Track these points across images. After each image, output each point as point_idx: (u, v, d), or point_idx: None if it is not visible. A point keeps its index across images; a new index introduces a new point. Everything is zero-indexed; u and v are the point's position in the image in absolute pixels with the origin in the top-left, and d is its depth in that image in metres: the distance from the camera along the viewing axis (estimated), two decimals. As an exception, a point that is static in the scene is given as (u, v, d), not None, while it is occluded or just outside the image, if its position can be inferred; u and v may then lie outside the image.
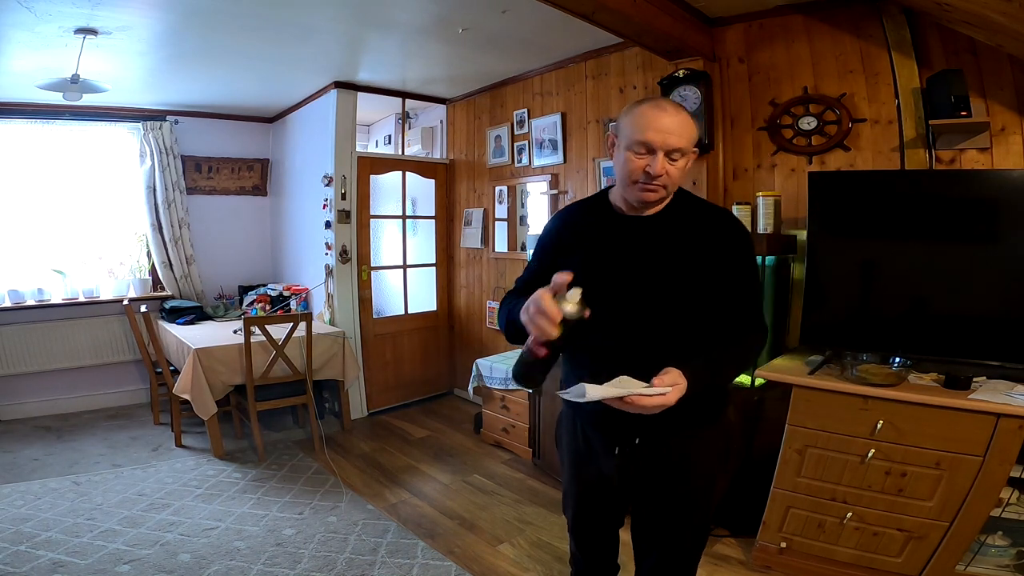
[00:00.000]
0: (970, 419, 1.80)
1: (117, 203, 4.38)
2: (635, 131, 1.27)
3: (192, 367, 3.21)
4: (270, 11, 2.64)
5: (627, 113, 1.32)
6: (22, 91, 3.57)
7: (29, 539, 2.43)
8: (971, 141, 2.21)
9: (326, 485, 3.03)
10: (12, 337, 3.96)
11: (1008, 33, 1.92)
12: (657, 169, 1.25)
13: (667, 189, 1.31)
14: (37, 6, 2.42)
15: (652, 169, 1.25)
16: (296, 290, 4.44)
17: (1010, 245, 1.97)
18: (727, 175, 2.88)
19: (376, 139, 5.47)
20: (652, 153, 1.26)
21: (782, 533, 2.20)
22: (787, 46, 2.66)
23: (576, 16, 2.36)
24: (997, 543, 1.94)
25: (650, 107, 1.29)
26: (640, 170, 1.27)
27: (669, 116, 1.26)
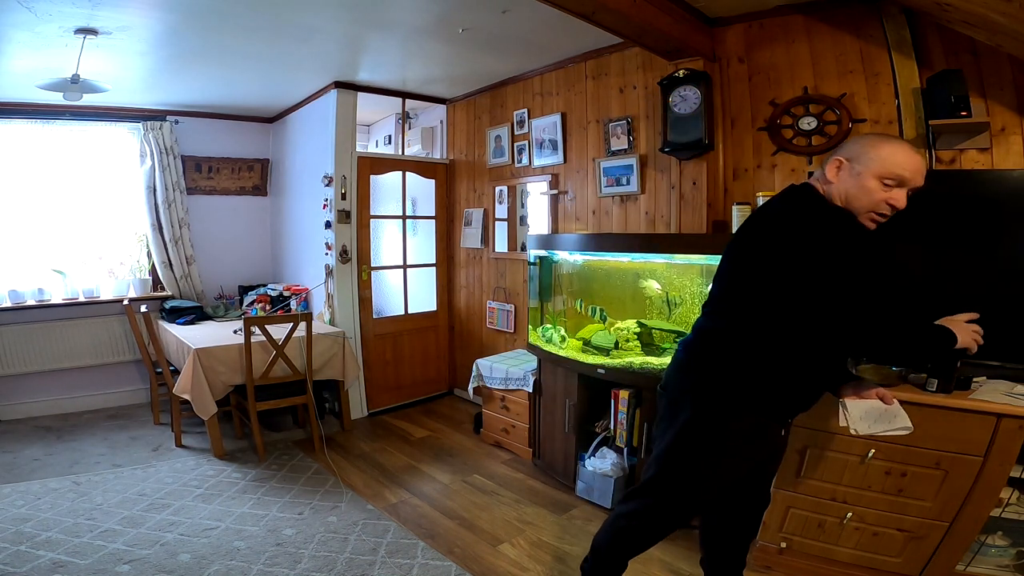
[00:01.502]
0: (970, 419, 1.80)
1: (117, 203, 4.38)
2: (888, 166, 1.41)
3: (192, 367, 3.21)
4: (270, 11, 2.64)
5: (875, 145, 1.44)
6: (22, 91, 3.58)
7: (29, 539, 2.43)
8: (971, 141, 2.21)
9: (326, 485, 3.03)
10: (12, 337, 3.96)
11: (1008, 33, 1.92)
12: (893, 200, 1.42)
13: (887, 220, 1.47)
14: (37, 6, 2.42)
15: (892, 201, 1.42)
16: (296, 290, 4.44)
17: (1010, 245, 1.97)
18: (727, 175, 2.88)
19: (376, 139, 5.47)
20: (901, 188, 1.41)
21: (782, 533, 2.20)
22: (787, 46, 2.66)
23: (576, 16, 2.37)
24: (997, 543, 1.94)
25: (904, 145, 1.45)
26: (887, 201, 1.43)
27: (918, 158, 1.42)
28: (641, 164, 3.17)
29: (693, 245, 2.63)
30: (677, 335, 2.80)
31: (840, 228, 1.46)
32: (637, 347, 2.86)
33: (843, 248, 1.40)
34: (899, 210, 1.42)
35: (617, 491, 2.71)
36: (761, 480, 1.80)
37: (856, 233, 1.48)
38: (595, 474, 2.78)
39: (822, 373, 1.57)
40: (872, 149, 1.44)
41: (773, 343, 1.51)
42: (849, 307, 1.41)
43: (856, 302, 1.41)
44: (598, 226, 3.43)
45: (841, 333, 1.44)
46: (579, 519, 2.69)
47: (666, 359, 2.63)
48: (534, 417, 3.28)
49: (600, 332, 3.01)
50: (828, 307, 1.41)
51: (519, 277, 3.98)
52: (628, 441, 2.73)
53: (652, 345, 2.87)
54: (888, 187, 1.40)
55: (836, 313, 1.42)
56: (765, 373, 1.52)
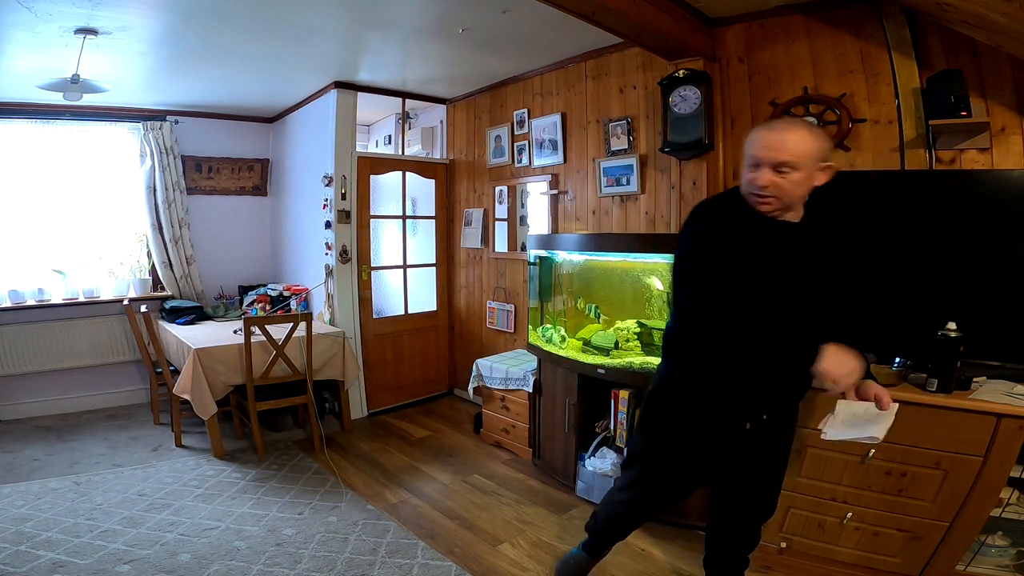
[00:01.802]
0: (970, 419, 1.80)
1: (117, 203, 4.38)
2: (748, 148, 1.49)
3: (192, 367, 3.21)
4: (270, 11, 2.64)
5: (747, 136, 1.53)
6: (22, 91, 3.58)
7: (29, 539, 2.43)
8: (971, 141, 2.21)
9: (326, 485, 3.03)
10: (12, 337, 3.96)
11: (1008, 33, 1.92)
12: (760, 180, 1.44)
13: (780, 200, 1.46)
14: (37, 6, 2.42)
15: (759, 181, 1.45)
16: (296, 290, 4.44)
17: (1010, 245, 1.97)
18: (727, 175, 2.88)
19: (376, 139, 5.47)
20: (759, 167, 1.45)
21: (782, 533, 2.20)
22: (787, 46, 2.66)
23: (576, 16, 2.37)
24: (997, 543, 1.94)
25: (761, 127, 1.50)
26: (751, 182, 1.47)
27: (775, 133, 1.45)
28: (641, 164, 3.17)
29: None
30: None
31: (700, 213, 1.58)
32: (637, 347, 2.86)
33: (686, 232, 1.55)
34: (765, 188, 1.45)
35: (617, 491, 2.71)
36: (741, 476, 1.78)
37: (709, 217, 1.55)
38: (595, 474, 2.78)
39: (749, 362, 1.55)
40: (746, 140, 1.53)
41: (693, 334, 1.63)
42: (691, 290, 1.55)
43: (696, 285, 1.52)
44: (598, 226, 3.43)
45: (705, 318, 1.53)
46: (579, 519, 2.69)
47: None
48: (534, 417, 3.28)
49: (600, 332, 3.01)
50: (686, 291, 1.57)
51: (519, 277, 3.98)
52: (628, 441, 2.73)
53: (652, 345, 2.87)
54: (751, 169, 1.47)
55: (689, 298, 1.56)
56: (698, 363, 1.65)
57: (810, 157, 1.43)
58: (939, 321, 1.90)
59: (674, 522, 2.58)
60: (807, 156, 1.43)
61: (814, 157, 1.44)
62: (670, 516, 2.59)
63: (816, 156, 1.44)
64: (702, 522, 2.52)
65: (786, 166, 1.42)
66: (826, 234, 1.54)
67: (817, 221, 1.54)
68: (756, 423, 1.64)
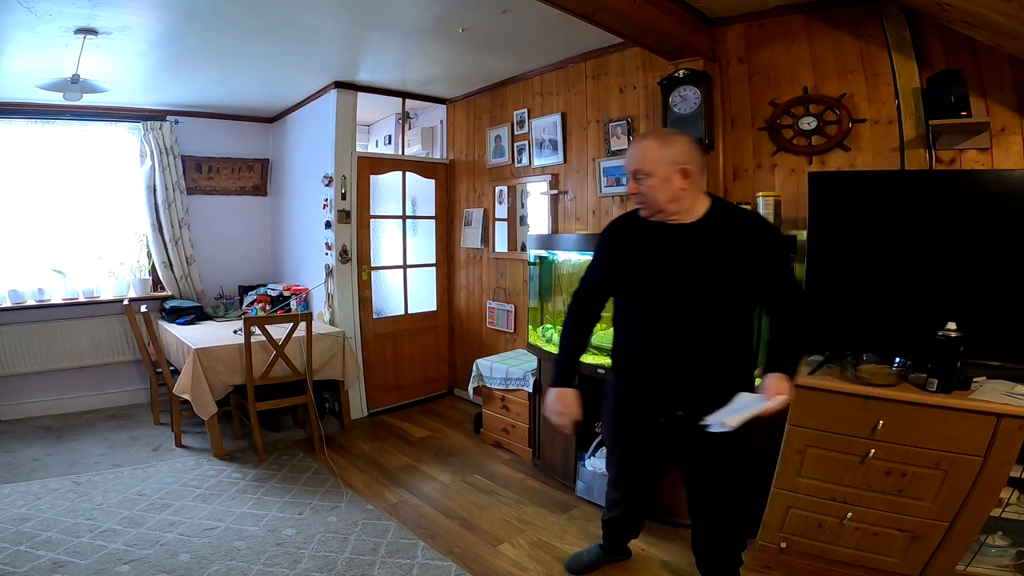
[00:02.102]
0: (970, 419, 1.80)
1: (117, 203, 4.38)
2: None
3: (192, 367, 3.21)
4: (270, 11, 2.64)
5: None
6: (22, 91, 3.58)
7: (29, 539, 2.43)
8: (971, 141, 2.21)
9: (326, 485, 3.03)
10: (12, 337, 3.96)
11: (1008, 33, 1.92)
12: (628, 190, 1.67)
13: (649, 203, 1.64)
14: (37, 6, 2.42)
15: (628, 190, 1.67)
16: (296, 290, 4.44)
17: (1010, 245, 1.97)
18: (727, 175, 2.88)
19: (376, 139, 5.47)
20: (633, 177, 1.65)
21: (782, 533, 2.20)
22: (787, 46, 2.66)
23: (576, 16, 2.37)
24: (997, 543, 1.94)
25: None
26: (628, 191, 1.70)
27: (632, 147, 1.66)
28: (641, 164, 3.17)
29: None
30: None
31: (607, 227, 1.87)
32: (637, 347, 2.85)
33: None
34: (632, 195, 1.67)
35: (617, 491, 2.71)
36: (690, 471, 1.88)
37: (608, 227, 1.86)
38: (595, 474, 2.78)
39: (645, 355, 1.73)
40: None
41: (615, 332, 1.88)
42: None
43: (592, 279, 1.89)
44: (598, 226, 3.43)
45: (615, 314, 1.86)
46: (579, 519, 2.69)
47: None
48: (534, 417, 3.28)
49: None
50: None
51: (519, 277, 3.98)
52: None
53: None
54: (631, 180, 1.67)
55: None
56: (614, 360, 1.91)
57: (660, 164, 1.59)
58: (939, 321, 1.90)
59: (674, 522, 2.58)
60: (657, 163, 1.59)
61: (665, 163, 1.59)
62: (670, 516, 2.60)
63: (668, 161, 1.59)
64: (702, 522, 2.53)
65: (641, 173, 1.62)
66: (721, 235, 1.63)
67: (715, 222, 1.65)
68: (671, 418, 1.72)
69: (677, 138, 1.64)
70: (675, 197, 1.62)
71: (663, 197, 1.61)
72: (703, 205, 1.67)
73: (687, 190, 1.62)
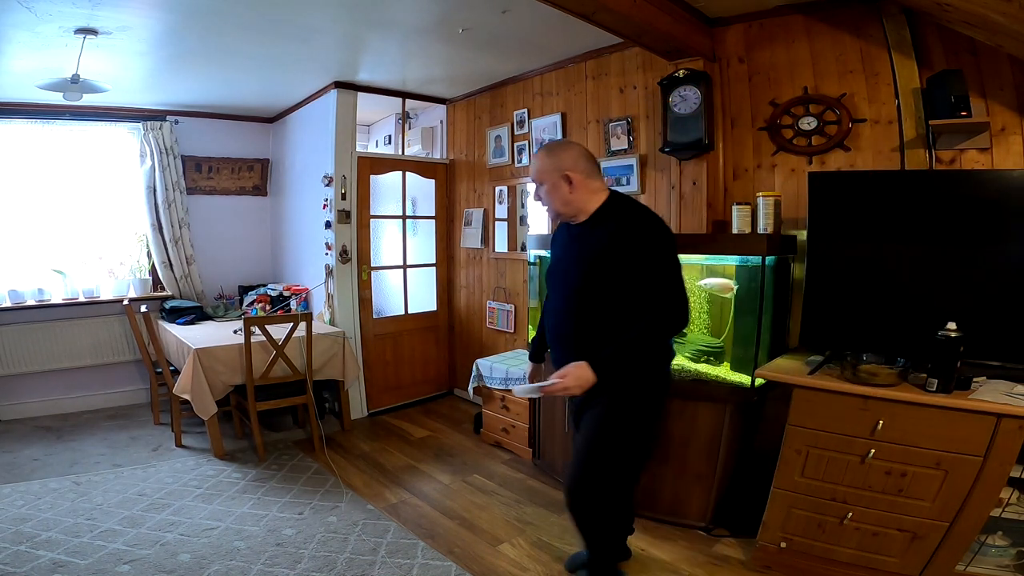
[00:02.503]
0: (970, 419, 1.80)
1: (117, 203, 4.38)
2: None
3: (192, 367, 3.21)
4: (270, 11, 2.64)
5: None
6: (22, 91, 3.58)
7: (29, 539, 2.43)
8: (971, 141, 2.21)
9: (326, 485, 3.03)
10: (12, 337, 3.96)
11: (1008, 33, 1.92)
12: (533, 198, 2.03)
13: (549, 208, 1.88)
14: (37, 6, 2.42)
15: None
16: (296, 290, 4.44)
17: (1010, 245, 1.97)
18: (727, 175, 2.88)
19: (376, 139, 5.47)
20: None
21: (782, 533, 2.19)
22: (787, 46, 2.66)
23: (576, 16, 2.37)
24: (997, 543, 1.94)
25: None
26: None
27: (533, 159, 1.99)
28: (641, 164, 3.17)
29: (693, 245, 2.63)
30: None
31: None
32: (637, 347, 2.85)
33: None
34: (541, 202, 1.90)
35: (617, 491, 2.71)
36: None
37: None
38: (595, 474, 2.78)
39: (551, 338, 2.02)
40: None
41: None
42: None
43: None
44: (598, 226, 3.43)
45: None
46: (579, 519, 2.68)
47: (666, 359, 2.63)
48: (534, 417, 3.28)
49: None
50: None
51: (519, 277, 3.98)
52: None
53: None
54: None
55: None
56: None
57: (547, 172, 1.82)
58: (939, 321, 1.90)
59: (674, 522, 2.58)
60: (545, 172, 1.83)
61: (551, 171, 1.81)
62: (670, 516, 2.60)
63: (552, 170, 1.81)
64: (701, 522, 2.53)
65: (536, 182, 1.87)
66: (597, 233, 1.79)
67: (596, 222, 1.82)
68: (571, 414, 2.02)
69: (564, 148, 1.86)
70: (566, 201, 1.83)
71: (556, 202, 1.84)
72: (596, 204, 1.83)
73: (575, 194, 1.81)
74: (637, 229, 1.74)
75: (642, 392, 1.87)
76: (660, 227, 1.76)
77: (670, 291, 1.72)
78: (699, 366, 2.54)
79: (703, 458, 2.51)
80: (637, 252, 1.71)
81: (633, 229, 1.73)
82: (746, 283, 2.47)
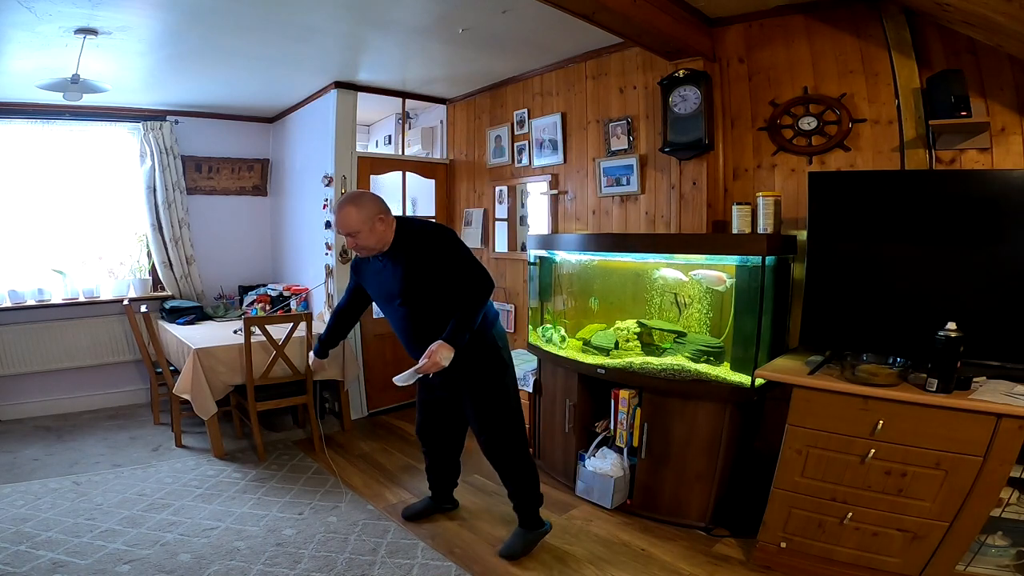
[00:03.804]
0: (970, 419, 1.80)
1: (117, 203, 4.38)
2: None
3: (192, 367, 3.21)
4: (270, 11, 2.64)
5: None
6: (22, 91, 3.58)
7: (29, 539, 2.43)
8: (971, 141, 2.22)
9: (326, 485, 3.03)
10: (12, 337, 3.96)
11: (1008, 33, 1.92)
12: (348, 245, 2.19)
13: (366, 249, 2.16)
14: (37, 6, 2.42)
15: (348, 245, 2.21)
16: (296, 290, 4.44)
17: (1010, 245, 1.97)
18: (727, 175, 2.88)
19: (376, 139, 5.47)
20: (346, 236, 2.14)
21: (782, 533, 2.19)
22: (787, 46, 2.66)
23: (576, 16, 2.37)
24: (997, 543, 1.94)
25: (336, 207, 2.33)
26: (347, 245, 2.22)
27: (338, 215, 2.11)
28: (641, 164, 3.17)
29: (693, 245, 2.63)
30: (677, 335, 2.80)
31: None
32: (637, 347, 2.85)
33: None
34: (355, 248, 2.19)
35: (617, 491, 2.71)
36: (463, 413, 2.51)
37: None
38: (595, 474, 2.78)
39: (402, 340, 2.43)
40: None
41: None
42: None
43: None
44: (598, 226, 3.43)
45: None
46: (579, 519, 2.69)
47: (667, 359, 2.63)
48: (534, 417, 3.28)
49: (600, 332, 3.01)
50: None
51: (519, 277, 3.98)
52: (628, 441, 2.73)
53: (652, 345, 2.87)
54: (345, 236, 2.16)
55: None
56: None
57: (362, 222, 2.08)
58: (939, 321, 1.90)
59: (674, 522, 2.58)
60: (359, 223, 2.08)
61: (365, 220, 2.08)
62: (670, 516, 2.60)
63: (366, 218, 2.08)
64: (701, 522, 2.53)
65: (351, 233, 2.10)
66: (403, 255, 2.16)
67: (398, 247, 2.17)
68: (426, 381, 2.45)
69: (366, 198, 2.12)
70: (381, 239, 2.14)
71: (373, 243, 2.13)
72: (391, 235, 2.17)
73: (386, 230, 2.14)
74: (426, 243, 2.15)
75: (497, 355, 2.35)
76: (439, 230, 2.20)
77: (470, 271, 2.14)
78: (699, 366, 2.54)
79: (703, 458, 2.51)
80: (435, 259, 2.13)
81: (424, 245, 2.15)
82: (746, 283, 2.47)
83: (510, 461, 2.40)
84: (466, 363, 2.25)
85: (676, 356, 2.64)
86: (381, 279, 2.27)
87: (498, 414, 2.35)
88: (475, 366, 2.30)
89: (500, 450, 2.39)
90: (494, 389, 2.34)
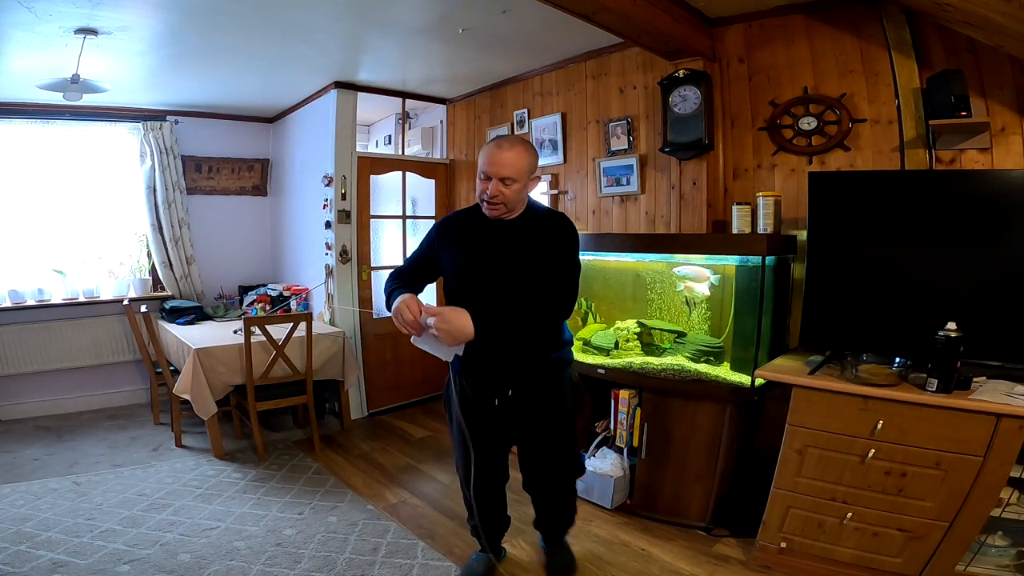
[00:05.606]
0: (970, 419, 1.80)
1: (117, 203, 4.38)
2: (480, 164, 1.79)
3: (192, 367, 3.21)
4: (270, 11, 2.64)
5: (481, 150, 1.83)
6: (22, 91, 3.57)
7: (29, 539, 2.43)
8: (971, 141, 2.21)
9: (326, 485, 3.03)
10: (12, 337, 3.96)
11: (1008, 33, 1.92)
12: (490, 191, 1.76)
13: (506, 205, 1.80)
14: (37, 6, 2.42)
15: (486, 191, 1.77)
16: (296, 290, 4.44)
17: (1010, 245, 1.97)
18: (727, 175, 2.88)
19: (376, 139, 5.46)
20: (489, 180, 1.76)
21: (782, 533, 2.19)
22: (787, 46, 2.66)
23: (576, 16, 2.37)
24: (997, 543, 1.94)
25: (491, 144, 1.79)
26: (483, 191, 1.79)
27: (501, 151, 1.75)
28: (641, 164, 3.17)
29: (693, 245, 2.63)
30: (677, 335, 2.80)
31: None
32: (637, 347, 2.86)
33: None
34: (495, 197, 1.76)
35: (617, 491, 2.71)
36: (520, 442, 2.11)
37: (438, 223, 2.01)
38: (595, 474, 2.78)
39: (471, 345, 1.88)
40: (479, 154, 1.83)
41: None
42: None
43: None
44: (598, 226, 3.43)
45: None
46: (579, 519, 2.67)
47: (667, 359, 2.63)
48: (534, 417, 3.28)
49: (600, 332, 3.01)
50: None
51: (519, 277, 3.97)
52: (628, 441, 2.73)
53: (652, 345, 2.87)
54: (483, 181, 1.78)
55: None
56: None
57: (522, 171, 1.76)
58: (939, 321, 1.90)
59: (674, 522, 2.58)
60: (520, 171, 1.76)
61: (526, 170, 1.77)
62: (671, 516, 2.60)
63: (528, 169, 1.78)
64: (701, 522, 2.53)
65: (509, 180, 1.75)
66: (532, 232, 1.82)
67: (529, 222, 1.85)
68: (503, 398, 1.94)
69: (533, 149, 1.85)
70: (521, 199, 1.84)
71: (515, 200, 1.81)
72: (523, 204, 1.87)
73: (528, 193, 1.87)
74: (553, 227, 1.84)
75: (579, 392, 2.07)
76: (569, 222, 1.89)
77: (566, 273, 1.79)
78: (699, 366, 2.54)
79: (703, 458, 2.51)
80: (552, 245, 1.81)
81: (551, 227, 1.84)
82: (746, 283, 2.47)
83: (564, 499, 2.22)
84: (547, 393, 1.95)
85: (676, 356, 2.64)
86: (482, 241, 1.85)
87: (568, 456, 2.12)
88: (556, 399, 1.97)
89: (558, 489, 2.18)
90: (570, 429, 2.08)
